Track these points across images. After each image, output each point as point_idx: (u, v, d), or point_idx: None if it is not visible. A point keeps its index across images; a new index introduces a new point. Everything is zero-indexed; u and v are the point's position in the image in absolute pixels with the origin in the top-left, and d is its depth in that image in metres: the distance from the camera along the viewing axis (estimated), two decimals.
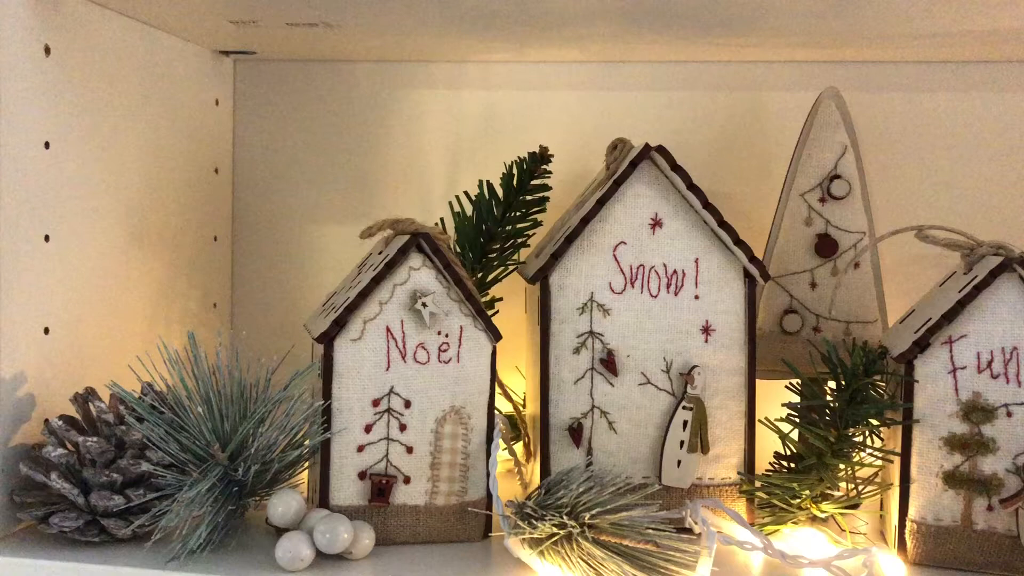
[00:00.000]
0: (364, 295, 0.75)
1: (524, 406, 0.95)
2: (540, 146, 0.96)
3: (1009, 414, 0.73)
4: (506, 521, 0.73)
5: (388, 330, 0.76)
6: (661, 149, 0.80)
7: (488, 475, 0.77)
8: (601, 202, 0.80)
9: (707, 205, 0.80)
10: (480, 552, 0.76)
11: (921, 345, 0.75)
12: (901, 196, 1.01)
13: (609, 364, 0.81)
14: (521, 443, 0.92)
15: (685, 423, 0.81)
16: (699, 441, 0.81)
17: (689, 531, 0.77)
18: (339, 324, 0.75)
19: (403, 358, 0.76)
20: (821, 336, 0.93)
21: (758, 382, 0.88)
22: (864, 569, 0.71)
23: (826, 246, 0.93)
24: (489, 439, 0.79)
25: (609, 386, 0.81)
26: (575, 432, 0.81)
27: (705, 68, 1.04)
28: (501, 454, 0.88)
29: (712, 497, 0.81)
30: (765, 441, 0.85)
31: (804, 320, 0.94)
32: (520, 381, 0.97)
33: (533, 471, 0.85)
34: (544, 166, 0.96)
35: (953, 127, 1.01)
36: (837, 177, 0.94)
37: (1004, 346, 0.73)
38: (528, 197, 0.95)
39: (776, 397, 0.86)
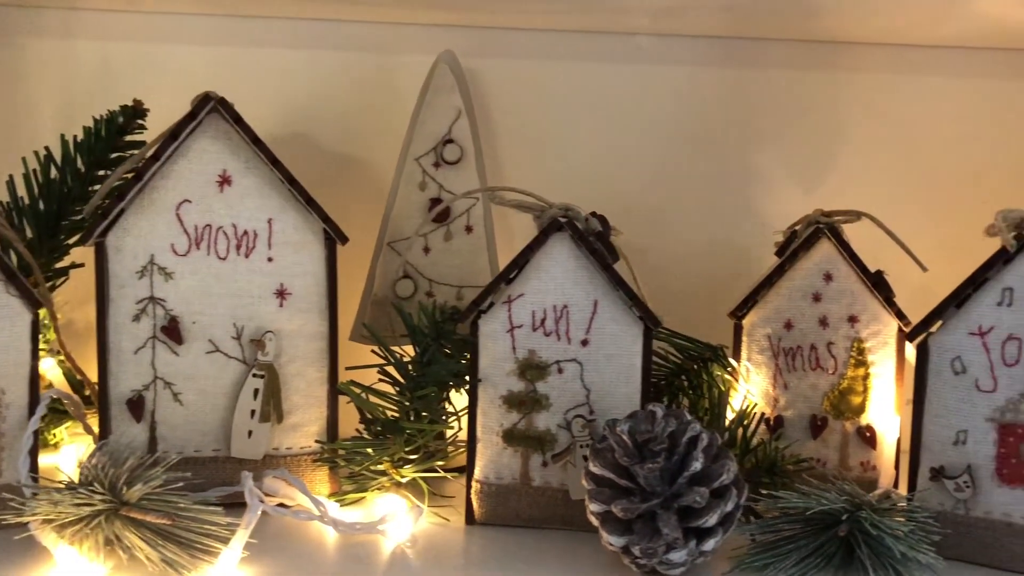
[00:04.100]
0: None
1: None
2: (134, 100, 0.89)
3: (560, 371, 0.74)
4: (30, 504, 0.67)
5: None
6: (223, 101, 0.76)
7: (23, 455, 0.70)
8: (156, 157, 0.74)
9: (275, 161, 0.77)
10: (10, 540, 0.69)
11: (480, 305, 0.75)
12: (520, 162, 1.02)
13: (172, 332, 0.76)
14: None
15: (256, 391, 0.77)
16: (271, 410, 0.77)
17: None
18: None
19: None
20: (433, 301, 0.92)
21: (369, 348, 0.86)
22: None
23: (439, 211, 0.93)
24: (31, 415, 0.72)
25: (173, 355, 0.76)
26: (135, 405, 0.75)
27: (335, 27, 1.00)
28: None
29: (291, 467, 0.78)
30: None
31: (417, 285, 0.92)
32: None
33: None
34: (139, 121, 0.89)
35: (572, 95, 1.02)
36: (450, 142, 0.93)
37: (556, 304, 0.74)
38: (121, 155, 0.88)
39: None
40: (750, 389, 0.84)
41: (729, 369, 0.83)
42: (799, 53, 1.03)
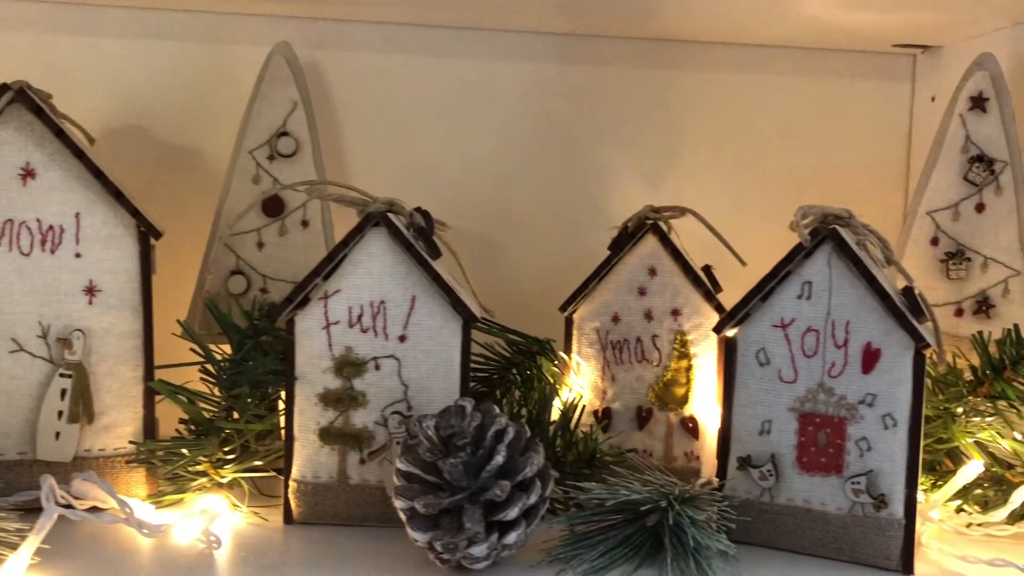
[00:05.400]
0: None
1: None
2: None
3: (378, 367, 0.74)
4: None
5: None
6: (23, 92, 0.73)
7: None
8: None
9: (80, 154, 0.74)
10: None
11: (293, 301, 0.74)
12: (362, 156, 1.01)
13: None
14: None
15: (64, 392, 0.74)
16: (80, 411, 0.75)
17: (69, 507, 0.71)
18: None
19: None
20: (267, 297, 0.91)
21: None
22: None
23: (273, 205, 0.91)
24: None
25: None
26: None
27: (170, 16, 0.98)
28: None
29: (104, 469, 0.76)
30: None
31: (251, 281, 0.91)
32: None
33: None
34: None
35: (416, 90, 1.02)
36: (285, 134, 0.91)
37: (373, 300, 0.74)
38: None
39: None
40: (579, 382, 0.85)
41: (556, 362, 0.84)
42: (643, 51, 1.05)
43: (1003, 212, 0.89)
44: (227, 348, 0.79)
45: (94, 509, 0.72)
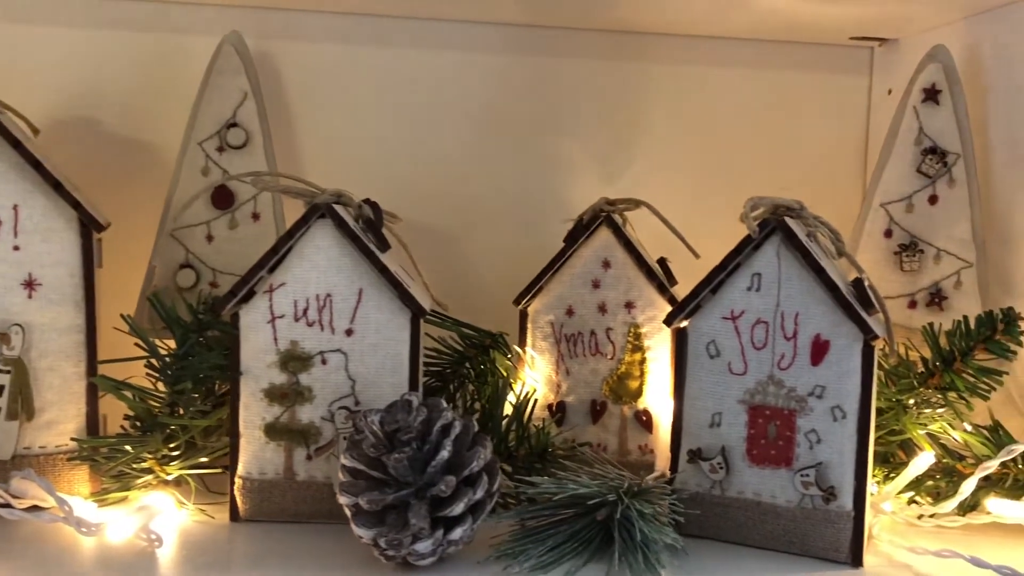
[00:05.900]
0: None
1: None
2: None
3: (324, 361, 0.73)
4: None
5: None
6: None
7: None
8: None
9: (17, 144, 0.72)
10: None
11: (238, 294, 0.72)
12: (316, 149, 1.00)
13: None
14: None
15: (2, 388, 0.73)
16: (19, 407, 0.73)
17: (7, 506, 0.70)
18: None
19: None
20: (216, 291, 0.89)
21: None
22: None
23: (222, 197, 0.89)
24: None
25: None
26: None
27: (119, 5, 0.96)
28: None
29: (46, 467, 0.74)
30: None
31: (200, 275, 0.89)
32: None
33: None
34: None
35: (373, 81, 1.01)
36: (234, 125, 0.90)
37: (319, 293, 0.73)
38: None
39: None
40: (533, 375, 0.84)
41: (510, 356, 0.83)
42: (600, 43, 1.04)
43: (956, 204, 0.89)
44: (174, 343, 0.78)
45: (34, 508, 0.70)
